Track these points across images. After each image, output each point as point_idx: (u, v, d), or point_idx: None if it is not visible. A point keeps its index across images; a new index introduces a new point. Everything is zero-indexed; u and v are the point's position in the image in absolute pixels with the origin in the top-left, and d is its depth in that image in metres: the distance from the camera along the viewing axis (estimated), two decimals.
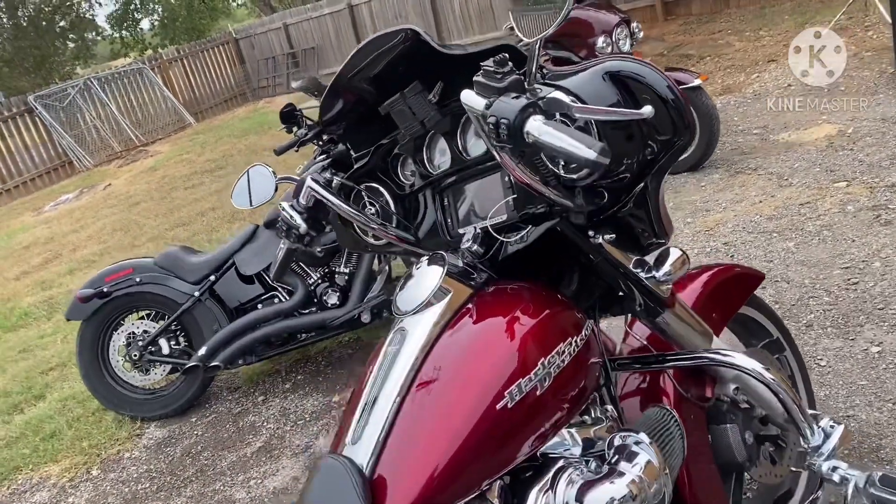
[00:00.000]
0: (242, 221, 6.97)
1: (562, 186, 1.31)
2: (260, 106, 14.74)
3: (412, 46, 1.39)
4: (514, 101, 1.14)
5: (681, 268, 1.50)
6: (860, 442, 2.14)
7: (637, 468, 1.26)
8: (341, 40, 14.47)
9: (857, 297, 2.80)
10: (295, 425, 3.22)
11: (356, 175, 1.66)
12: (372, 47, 1.40)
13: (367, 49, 1.40)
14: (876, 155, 4.01)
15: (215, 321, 3.47)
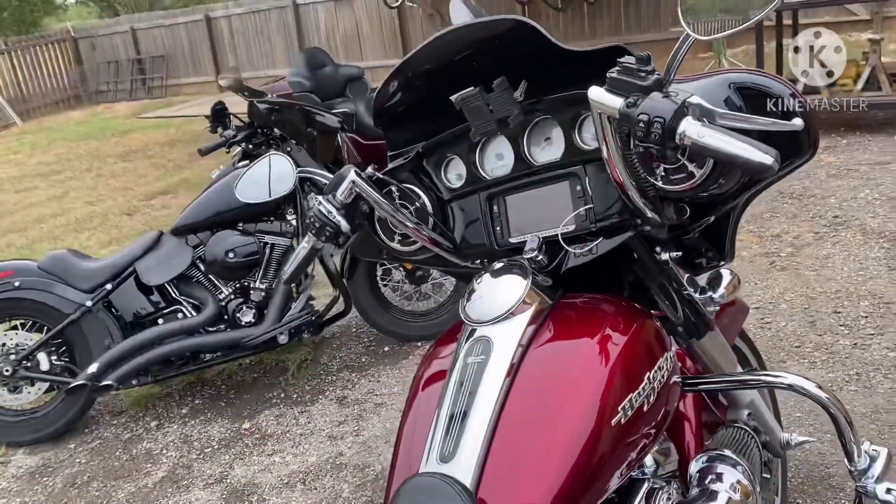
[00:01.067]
0: (92, 231, 6.39)
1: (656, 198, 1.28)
2: (99, 111, 13.72)
3: (509, 39, 1.31)
4: (665, 100, 1.09)
5: (733, 291, 1.51)
6: (809, 471, 2.26)
7: (731, 488, 1.24)
8: (195, 51, 13.85)
9: (773, 335, 3.00)
10: (202, 453, 2.92)
11: (391, 173, 1.54)
12: (464, 33, 1.31)
13: (456, 34, 1.31)
14: (756, 207, 4.36)
15: (107, 335, 3.10)
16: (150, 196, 7.19)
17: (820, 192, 4.46)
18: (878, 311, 3.03)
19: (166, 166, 8.38)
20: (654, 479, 1.29)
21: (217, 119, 3.31)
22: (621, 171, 1.20)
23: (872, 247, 3.61)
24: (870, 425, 2.39)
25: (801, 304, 3.19)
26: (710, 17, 1.09)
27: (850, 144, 5.25)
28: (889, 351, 2.75)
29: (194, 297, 3.18)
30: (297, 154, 3.18)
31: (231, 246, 3.08)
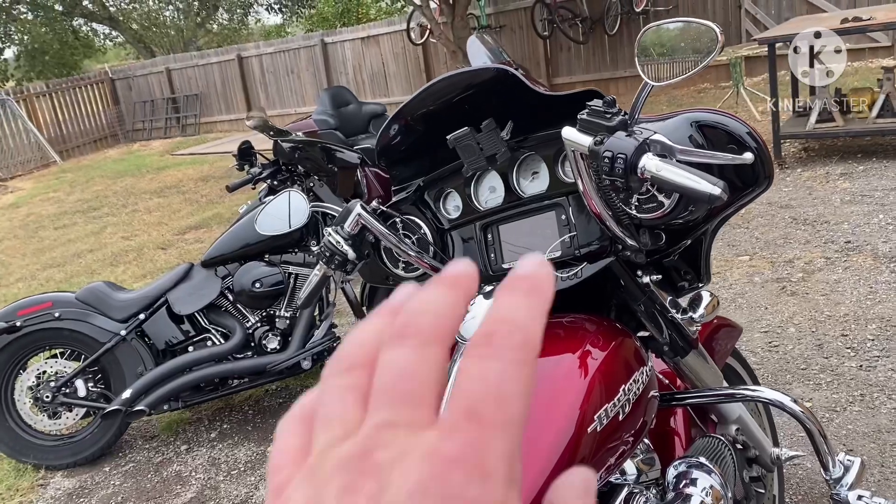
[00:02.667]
0: (128, 265, 6.62)
1: (632, 225, 1.41)
2: (135, 148, 14.16)
3: (494, 85, 1.45)
4: (628, 138, 1.23)
5: (713, 311, 1.62)
6: (810, 487, 2.32)
7: (704, 492, 1.34)
8: (227, 89, 14.27)
9: (781, 358, 3.07)
10: (228, 475, 3.05)
11: (394, 206, 1.69)
12: (454, 81, 1.45)
13: (447, 82, 1.46)
14: (770, 234, 4.44)
15: (140, 363, 3.27)
16: (184, 231, 7.43)
17: (833, 217, 4.52)
18: (885, 333, 3.09)
19: (199, 202, 8.65)
20: (633, 485, 1.39)
21: (244, 157, 3.50)
22: (597, 202, 1.33)
23: (882, 271, 3.66)
24: (870, 444, 2.45)
25: (809, 327, 3.26)
26: (663, 63, 1.22)
27: (866, 171, 5.29)
28: (893, 372, 2.81)
29: (223, 326, 3.34)
30: (318, 189, 3.36)
31: (257, 276, 3.24)
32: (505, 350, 0.27)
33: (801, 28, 5.99)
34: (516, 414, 0.26)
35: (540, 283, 0.29)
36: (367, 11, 18.82)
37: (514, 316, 0.28)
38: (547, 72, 11.40)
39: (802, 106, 6.11)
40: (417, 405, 0.27)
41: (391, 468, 0.25)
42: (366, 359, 0.29)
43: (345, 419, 0.28)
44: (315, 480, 0.27)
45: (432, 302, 0.29)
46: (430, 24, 10.04)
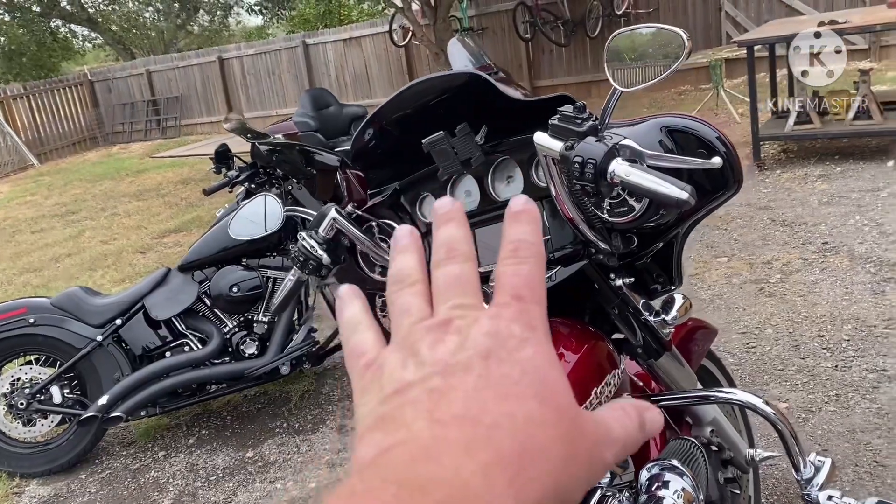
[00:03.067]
0: (106, 269, 6.56)
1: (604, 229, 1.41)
2: (114, 151, 14.05)
3: (468, 89, 1.45)
4: (598, 143, 1.23)
5: (685, 313, 1.62)
6: (786, 488, 2.34)
7: (675, 494, 1.34)
8: (208, 91, 14.19)
9: (758, 359, 3.09)
10: (207, 481, 3.03)
11: (370, 210, 1.68)
12: (428, 86, 1.45)
13: (421, 87, 1.45)
14: (748, 235, 4.47)
15: (117, 368, 3.23)
16: (163, 234, 7.37)
17: (811, 219, 4.56)
18: (859, 334, 3.11)
19: (179, 205, 8.59)
20: (606, 487, 1.39)
21: (220, 160, 3.47)
22: (570, 207, 1.33)
23: (859, 272, 3.70)
24: (845, 444, 2.47)
25: (786, 328, 3.28)
26: (632, 68, 1.22)
27: (843, 172, 5.35)
28: (868, 372, 2.83)
29: (200, 331, 3.31)
30: (297, 192, 3.33)
31: (235, 281, 3.22)
32: (527, 257, 0.39)
33: (780, 31, 6.05)
34: (543, 296, 0.39)
35: (533, 213, 0.41)
36: (350, 13, 18.77)
37: (524, 237, 0.40)
38: (529, 74, 11.42)
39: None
40: (475, 296, 0.39)
41: (468, 327, 0.37)
42: (420, 276, 0.41)
43: (421, 309, 0.39)
44: (407, 343, 0.37)
45: (456, 234, 0.41)
46: (413, 27, 10.04)
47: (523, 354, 0.35)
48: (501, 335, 0.36)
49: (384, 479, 0.30)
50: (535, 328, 0.37)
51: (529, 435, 0.33)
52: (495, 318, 0.36)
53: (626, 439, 0.40)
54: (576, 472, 0.35)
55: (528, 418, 0.33)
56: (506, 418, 0.33)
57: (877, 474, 2.33)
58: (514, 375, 0.35)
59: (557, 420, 0.35)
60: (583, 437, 0.36)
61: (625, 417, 0.41)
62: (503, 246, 0.40)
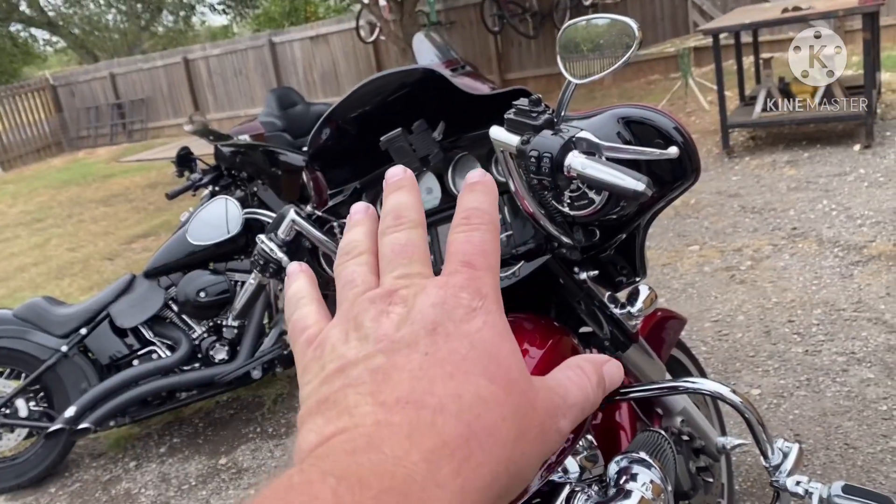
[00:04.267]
0: (73, 277, 6.44)
1: (566, 223, 1.39)
2: (80, 157, 13.83)
3: (423, 85, 1.42)
4: (554, 137, 1.20)
5: (650, 304, 1.61)
6: (759, 474, 2.35)
7: (644, 487, 1.33)
8: (174, 93, 14.01)
9: (730, 346, 3.10)
10: (179, 490, 2.98)
11: (331, 210, 1.65)
12: (383, 83, 1.42)
13: (376, 84, 1.42)
14: (719, 223, 4.49)
15: (84, 379, 3.16)
16: (131, 240, 7.26)
17: (780, 205, 4.59)
18: (829, 318, 3.14)
19: (147, 209, 8.47)
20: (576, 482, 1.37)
21: (183, 164, 3.41)
22: (529, 201, 1.30)
23: (827, 256, 3.73)
24: (816, 428, 2.48)
25: (757, 315, 3.30)
26: (584, 61, 1.20)
27: (810, 157, 5.39)
28: (838, 356, 2.85)
29: (168, 338, 3.25)
30: (263, 193, 3.29)
31: (202, 286, 3.16)
32: (479, 224, 0.38)
33: (745, 18, 6.08)
34: (494, 263, 0.38)
35: (488, 184, 0.41)
36: (316, 10, 18.63)
37: (478, 205, 0.39)
38: (499, 67, 11.41)
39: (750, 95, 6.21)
40: (421, 263, 0.38)
41: (414, 297, 0.35)
42: (367, 246, 0.40)
43: (365, 280, 0.38)
44: (350, 316, 0.36)
45: (404, 200, 0.40)
46: (380, 22, 9.97)
47: (472, 326, 0.34)
48: (448, 305, 0.34)
49: (324, 470, 0.29)
50: (486, 296, 0.36)
51: (476, 416, 0.32)
52: (443, 286, 0.35)
53: (583, 401, 0.39)
54: (527, 449, 0.34)
55: (475, 398, 0.32)
56: (452, 400, 0.32)
57: (848, 456, 2.34)
58: (462, 350, 0.33)
59: (507, 397, 0.33)
60: (534, 412, 0.35)
61: (582, 377, 0.40)
62: (456, 215, 0.39)
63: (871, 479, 2.23)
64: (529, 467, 0.35)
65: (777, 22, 5.93)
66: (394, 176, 0.42)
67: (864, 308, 3.16)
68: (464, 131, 1.47)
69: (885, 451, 2.33)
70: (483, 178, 0.41)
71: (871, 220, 4.04)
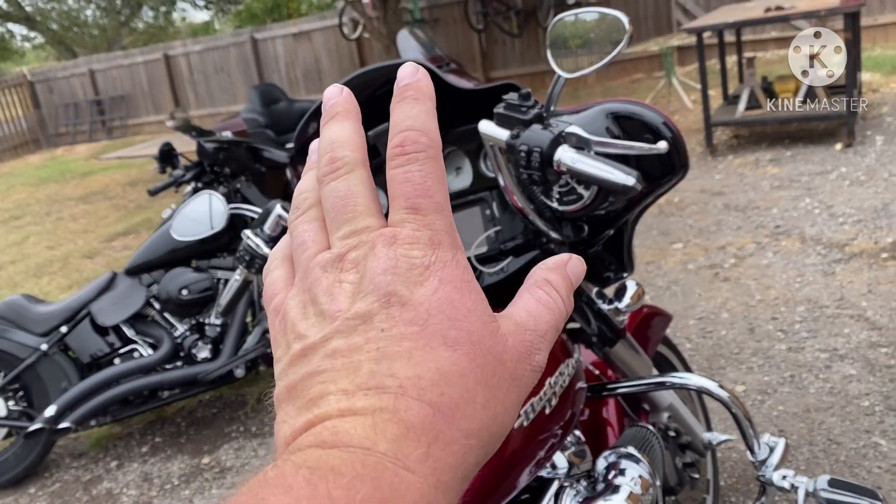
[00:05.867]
0: (53, 276, 6.36)
1: (554, 218, 1.38)
2: (58, 154, 13.67)
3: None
4: (543, 131, 1.20)
5: (638, 300, 1.61)
6: (744, 469, 2.35)
7: (632, 482, 1.32)
8: (155, 90, 13.87)
9: (715, 343, 3.11)
10: (162, 490, 2.94)
11: None
12: (371, 77, 1.40)
13: (364, 78, 1.41)
14: (703, 221, 4.51)
15: (64, 378, 3.12)
16: (111, 238, 7.18)
17: (764, 203, 4.62)
18: (812, 315, 3.16)
19: (127, 207, 8.38)
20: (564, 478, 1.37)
21: (165, 160, 3.37)
22: (518, 196, 1.29)
23: (810, 254, 3.75)
24: (800, 424, 2.49)
25: (741, 312, 3.31)
26: (573, 55, 1.19)
27: (793, 156, 5.43)
28: (821, 353, 2.87)
29: (150, 336, 3.21)
30: (246, 190, 3.26)
31: (184, 283, 3.12)
32: (416, 154, 0.35)
33: (728, 17, 6.11)
34: (442, 199, 0.35)
35: (423, 88, 0.36)
36: (298, 6, 18.53)
37: (412, 123, 0.35)
38: (483, 65, 11.41)
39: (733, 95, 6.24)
40: (366, 215, 0.35)
41: (364, 260, 0.34)
42: (315, 199, 0.38)
43: (316, 240, 0.36)
44: (305, 286, 0.35)
45: (340, 135, 0.37)
46: (363, 19, 9.93)
47: (427, 288, 0.33)
48: (400, 268, 0.33)
49: (296, 464, 0.29)
50: (439, 244, 0.34)
51: (440, 394, 0.31)
52: (392, 244, 0.33)
53: (557, 320, 0.37)
54: (502, 407, 0.34)
55: (437, 374, 0.31)
56: (412, 381, 0.31)
57: (831, 452, 2.36)
58: (419, 321, 0.32)
59: (470, 363, 0.32)
60: (502, 366, 0.34)
61: (551, 293, 0.38)
62: (390, 137, 0.36)
63: (855, 473, 2.24)
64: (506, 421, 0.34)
65: (760, 21, 5.97)
66: (330, 99, 0.39)
67: (847, 305, 3.18)
68: (452, 126, 1.46)
69: (867, 446, 2.35)
70: (414, 77, 0.37)
71: (853, 219, 4.07)
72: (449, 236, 0.34)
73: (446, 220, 0.35)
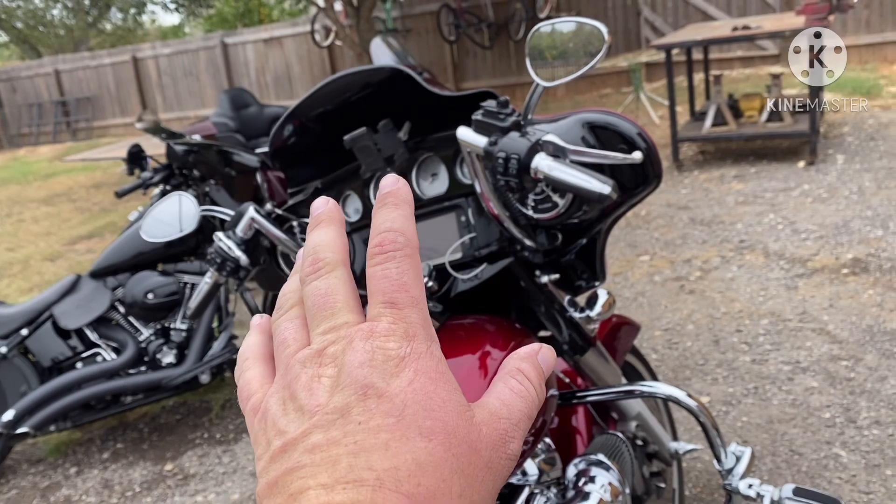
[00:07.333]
0: (12, 278, 6.23)
1: (529, 225, 1.40)
2: (21, 155, 13.40)
3: (390, 85, 1.41)
4: (521, 139, 1.21)
5: (609, 309, 1.63)
6: (708, 479, 2.38)
7: (602, 489, 1.34)
8: (122, 92, 13.69)
9: (680, 354, 3.15)
10: (123, 497, 2.88)
11: (291, 209, 1.63)
12: (349, 81, 1.40)
13: (341, 82, 1.41)
14: (669, 234, 4.57)
15: (24, 381, 3.05)
16: (74, 241, 7.05)
17: (728, 218, 4.70)
18: (775, 328, 3.21)
19: (91, 210, 8.24)
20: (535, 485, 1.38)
21: (133, 161, 3.33)
22: (495, 203, 1.30)
23: (773, 268, 3.83)
24: (763, 434, 2.53)
25: (706, 324, 3.36)
26: (552, 65, 1.21)
27: (757, 172, 5.54)
28: (784, 365, 2.92)
29: (114, 340, 3.16)
30: (216, 194, 3.22)
31: (150, 287, 3.08)
32: (394, 252, 0.37)
33: (696, 35, 6.23)
34: (418, 294, 0.37)
35: (402, 195, 0.39)
36: (270, 12, 18.44)
37: (391, 225, 0.38)
38: (454, 76, 11.46)
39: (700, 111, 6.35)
40: (345, 311, 0.37)
41: (343, 354, 0.35)
42: (297, 299, 0.40)
43: (297, 338, 0.38)
44: (285, 382, 0.36)
45: (323, 239, 0.39)
46: (335, 27, 9.92)
47: (403, 380, 0.34)
48: (377, 361, 0.34)
49: None
50: (414, 336, 0.35)
51: (416, 485, 0.32)
52: (369, 338, 0.35)
53: (530, 409, 0.39)
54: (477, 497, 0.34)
55: (413, 466, 0.32)
56: (389, 474, 0.32)
57: (793, 462, 2.40)
58: (395, 413, 0.33)
59: (446, 453, 0.33)
60: (478, 455, 0.35)
61: (524, 382, 0.39)
62: (371, 237, 0.38)
63: (816, 483, 2.29)
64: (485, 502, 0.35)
65: (727, 40, 6.08)
66: (315, 210, 0.41)
67: (809, 319, 3.25)
68: (429, 133, 1.46)
69: (828, 457, 2.40)
70: (394, 186, 0.39)
71: (815, 235, 4.16)
72: (424, 329, 0.36)
73: (422, 314, 0.36)
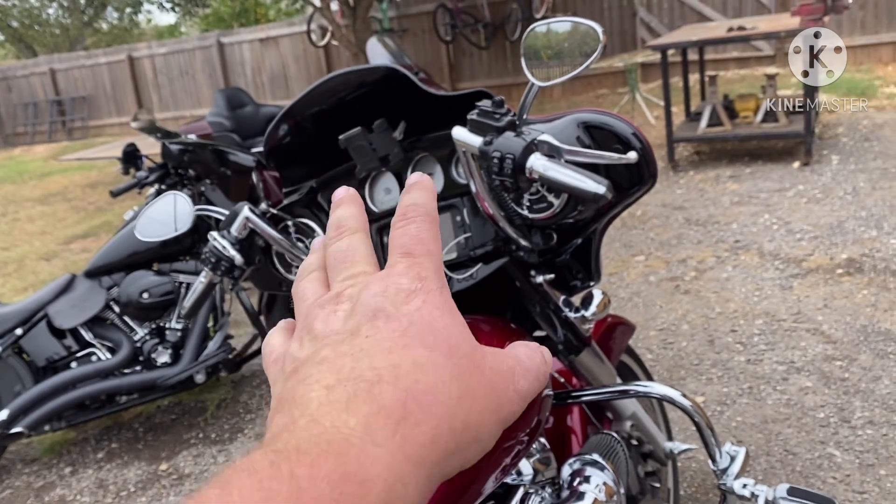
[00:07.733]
0: (7, 277, 6.21)
1: (524, 225, 1.40)
2: (16, 154, 13.37)
3: (385, 84, 1.41)
4: (516, 139, 1.21)
5: (604, 309, 1.63)
6: (703, 479, 2.39)
7: (597, 489, 1.34)
8: (118, 91, 13.66)
9: (675, 354, 3.15)
10: (117, 497, 2.88)
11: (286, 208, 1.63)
12: (344, 80, 1.40)
13: (337, 81, 1.41)
14: (664, 234, 4.58)
15: (18, 381, 3.04)
16: (70, 240, 7.04)
17: (724, 218, 4.71)
18: (770, 328, 3.22)
19: (87, 209, 8.22)
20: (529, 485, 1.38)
21: (129, 161, 3.32)
22: (490, 203, 1.30)
23: (768, 268, 3.83)
24: (758, 435, 2.54)
25: (701, 324, 3.37)
26: (547, 65, 1.21)
27: (752, 173, 5.55)
28: (778, 365, 2.93)
29: (109, 340, 3.15)
30: (211, 193, 3.22)
31: (145, 286, 3.08)
32: (416, 217, 0.40)
33: (691, 36, 6.24)
34: (434, 248, 0.39)
35: (426, 184, 0.43)
36: (266, 12, 18.42)
37: (416, 201, 0.42)
38: (450, 76, 11.46)
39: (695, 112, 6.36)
40: (365, 263, 0.40)
41: (359, 293, 0.37)
42: (318, 264, 0.43)
43: (315, 291, 0.41)
44: (304, 325, 0.39)
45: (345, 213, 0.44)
46: (332, 27, 9.91)
47: (411, 306, 0.36)
48: (389, 292, 0.37)
49: (266, 450, 0.30)
50: (426, 278, 0.38)
51: (414, 381, 0.33)
52: (384, 278, 0.38)
53: (538, 368, 0.42)
54: (476, 406, 0.35)
55: (413, 365, 0.34)
56: (389, 370, 0.33)
57: (787, 462, 2.40)
58: (401, 327, 0.35)
59: (447, 360, 0.35)
60: (480, 372, 0.36)
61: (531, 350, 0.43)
62: (396, 214, 0.42)
63: (810, 483, 2.29)
64: (483, 424, 0.36)
65: (722, 40, 6.10)
66: (336, 196, 0.46)
67: (803, 319, 3.26)
68: (424, 132, 1.46)
69: (822, 456, 2.40)
70: (421, 178, 0.44)
71: (810, 235, 4.17)
72: (436, 274, 0.38)
73: (435, 265, 0.39)
